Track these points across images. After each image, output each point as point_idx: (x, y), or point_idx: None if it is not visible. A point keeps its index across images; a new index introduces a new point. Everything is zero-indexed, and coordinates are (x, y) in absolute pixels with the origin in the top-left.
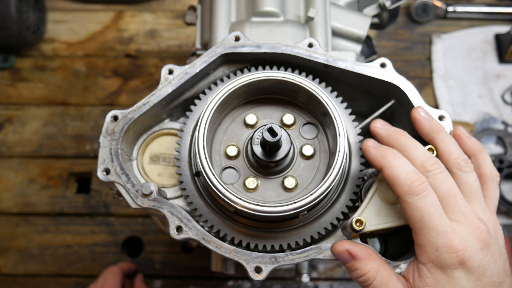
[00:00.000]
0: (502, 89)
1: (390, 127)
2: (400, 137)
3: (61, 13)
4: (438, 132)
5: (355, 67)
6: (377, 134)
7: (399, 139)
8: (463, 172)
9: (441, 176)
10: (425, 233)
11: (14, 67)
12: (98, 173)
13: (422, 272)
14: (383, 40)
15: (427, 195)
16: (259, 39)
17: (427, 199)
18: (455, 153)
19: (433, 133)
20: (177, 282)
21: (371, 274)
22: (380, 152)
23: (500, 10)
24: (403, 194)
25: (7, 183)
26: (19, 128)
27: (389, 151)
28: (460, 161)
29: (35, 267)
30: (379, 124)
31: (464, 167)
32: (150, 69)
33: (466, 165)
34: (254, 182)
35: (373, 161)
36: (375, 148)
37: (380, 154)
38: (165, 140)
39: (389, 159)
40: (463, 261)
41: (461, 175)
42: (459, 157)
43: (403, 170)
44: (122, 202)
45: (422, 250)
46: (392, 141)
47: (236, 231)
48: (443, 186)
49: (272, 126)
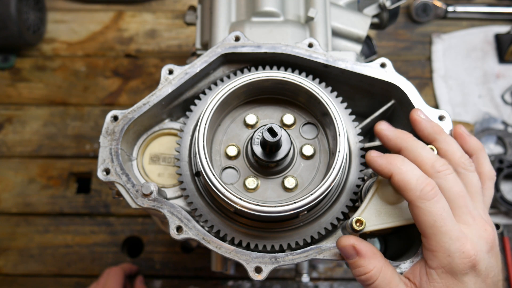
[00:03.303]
0: (502, 89)
1: (396, 129)
2: (408, 138)
3: (61, 13)
4: (440, 133)
5: (355, 67)
6: (383, 136)
7: (408, 140)
8: (468, 171)
9: (451, 177)
10: (438, 238)
11: (14, 67)
12: (98, 173)
13: (431, 276)
14: (383, 40)
15: (439, 200)
16: (259, 39)
17: (439, 204)
18: (458, 152)
19: (434, 134)
20: (177, 282)
21: (374, 272)
22: (387, 159)
23: (500, 10)
24: (415, 200)
25: (7, 183)
26: (19, 128)
27: (396, 157)
28: (465, 160)
29: (35, 267)
30: (384, 126)
31: (469, 166)
32: (150, 69)
33: (470, 164)
34: (254, 182)
35: (381, 169)
36: (381, 157)
37: (387, 161)
38: (165, 140)
39: (397, 165)
40: (474, 265)
41: (466, 174)
42: (463, 157)
43: (413, 175)
44: (122, 202)
45: (434, 256)
46: (401, 143)
47: (236, 231)
48: (454, 187)
49: (272, 126)
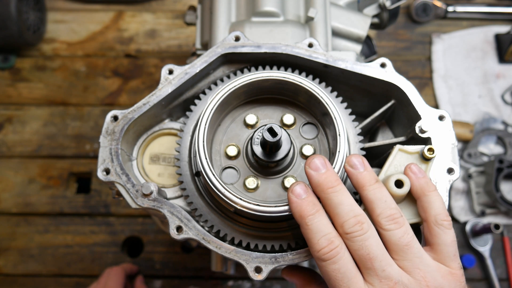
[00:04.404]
0: (502, 89)
1: (324, 172)
2: (327, 189)
3: (61, 13)
4: (363, 187)
5: (355, 67)
6: (308, 178)
7: (327, 191)
8: (385, 230)
9: (359, 239)
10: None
11: (14, 67)
12: (98, 173)
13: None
14: (383, 40)
15: (336, 261)
16: (259, 39)
17: (335, 265)
18: (377, 210)
19: (359, 188)
20: (177, 282)
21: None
22: (300, 209)
23: (500, 10)
24: (314, 257)
25: (7, 183)
26: (19, 128)
27: (308, 210)
28: (381, 219)
29: (35, 267)
30: (313, 164)
31: (385, 225)
32: (150, 69)
33: (389, 222)
34: (254, 182)
35: (293, 215)
36: (297, 203)
37: (299, 212)
38: (165, 140)
39: (306, 220)
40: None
41: (384, 233)
42: (381, 214)
43: (317, 235)
44: (122, 202)
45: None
46: (320, 193)
47: (236, 231)
48: (359, 250)
49: (272, 126)
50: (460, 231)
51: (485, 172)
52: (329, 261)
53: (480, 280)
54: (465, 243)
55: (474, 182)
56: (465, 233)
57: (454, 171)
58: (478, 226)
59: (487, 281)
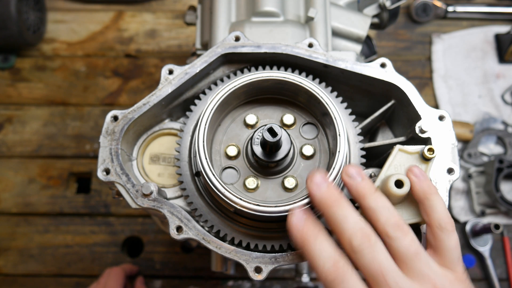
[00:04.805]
0: (502, 89)
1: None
2: (332, 205)
3: (61, 13)
4: (364, 196)
5: (355, 67)
6: (309, 194)
7: (331, 207)
8: (391, 239)
9: (368, 252)
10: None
11: (14, 67)
12: (98, 173)
13: None
14: (383, 40)
15: (344, 281)
16: (259, 39)
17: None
18: (382, 218)
19: (358, 198)
20: (177, 282)
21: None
22: (302, 235)
23: (500, 10)
24: (321, 281)
25: (7, 183)
26: (19, 128)
27: (310, 235)
28: (387, 227)
29: (35, 267)
30: (315, 179)
31: (391, 233)
32: (150, 69)
33: (394, 230)
34: (254, 182)
35: (295, 242)
36: (298, 229)
37: (301, 239)
38: (165, 140)
39: (309, 244)
40: None
41: (390, 242)
42: (386, 222)
43: (320, 261)
44: (122, 202)
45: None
46: (323, 209)
47: (236, 231)
48: (370, 264)
49: (272, 126)
50: (460, 231)
51: (485, 172)
52: (337, 281)
53: (480, 280)
54: (465, 243)
55: (474, 182)
56: (465, 233)
57: (454, 171)
58: (478, 226)
59: (487, 281)
